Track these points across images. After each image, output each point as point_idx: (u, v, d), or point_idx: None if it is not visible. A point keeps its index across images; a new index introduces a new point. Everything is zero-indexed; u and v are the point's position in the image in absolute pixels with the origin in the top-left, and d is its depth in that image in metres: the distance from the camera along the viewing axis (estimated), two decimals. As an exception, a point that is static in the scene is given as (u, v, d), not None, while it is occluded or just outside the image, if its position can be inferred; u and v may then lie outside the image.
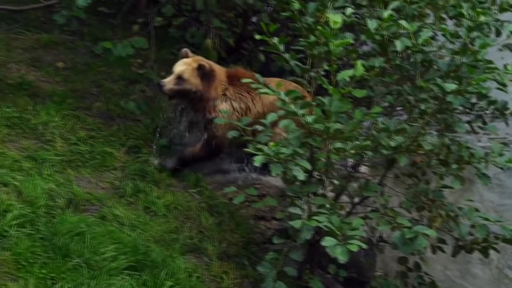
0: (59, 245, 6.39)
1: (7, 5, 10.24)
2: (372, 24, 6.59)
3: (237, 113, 8.32)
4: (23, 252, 6.23)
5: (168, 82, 8.16)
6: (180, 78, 8.18)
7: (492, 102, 7.14)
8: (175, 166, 8.36)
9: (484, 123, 7.41)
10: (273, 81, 8.31)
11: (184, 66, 8.24)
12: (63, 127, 8.28)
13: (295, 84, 8.08)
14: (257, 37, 6.73)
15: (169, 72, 8.47)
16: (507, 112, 7.31)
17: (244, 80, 6.90)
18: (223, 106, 8.33)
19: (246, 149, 6.37)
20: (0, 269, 6.06)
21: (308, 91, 6.72)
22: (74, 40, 10.39)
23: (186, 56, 8.35)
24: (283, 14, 7.11)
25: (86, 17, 9.10)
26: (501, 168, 6.59)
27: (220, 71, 8.47)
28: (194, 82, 8.21)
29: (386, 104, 7.00)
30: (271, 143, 6.18)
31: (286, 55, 6.73)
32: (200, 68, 8.22)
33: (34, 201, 6.87)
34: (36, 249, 6.32)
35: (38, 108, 8.45)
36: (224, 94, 8.38)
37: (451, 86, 6.19)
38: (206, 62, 8.33)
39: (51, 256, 6.29)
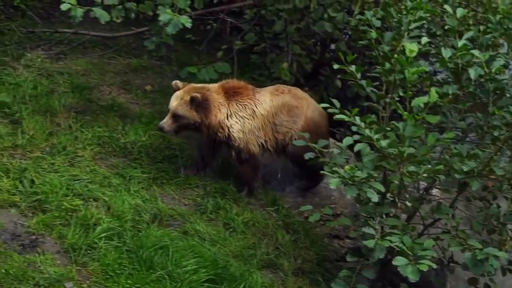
0: (144, 257, 6.45)
1: (101, 32, 10.46)
2: (446, 53, 6.54)
3: (247, 120, 8.00)
4: (111, 263, 6.32)
5: (166, 123, 7.80)
6: (175, 115, 7.81)
7: None
8: (250, 193, 8.19)
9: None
10: (267, 90, 8.27)
11: (176, 101, 7.83)
12: (149, 146, 8.37)
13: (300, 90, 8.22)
14: (335, 66, 6.70)
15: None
16: None
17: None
18: (232, 121, 7.96)
19: (322, 171, 6.33)
20: (90, 279, 6.17)
21: (383, 117, 6.65)
22: (162, 65, 10.53)
23: (178, 89, 7.96)
24: (360, 42, 7.10)
25: (174, 43, 9.18)
26: None
27: (214, 92, 7.98)
28: (190, 116, 7.79)
29: (458, 130, 6.89)
30: (347, 167, 6.14)
31: (363, 82, 6.67)
32: (192, 100, 7.77)
33: (121, 216, 6.97)
34: (123, 260, 6.40)
35: (127, 128, 8.56)
36: (228, 110, 7.97)
37: (524, 113, 6.09)
38: (198, 92, 7.84)
39: (137, 268, 6.35)
